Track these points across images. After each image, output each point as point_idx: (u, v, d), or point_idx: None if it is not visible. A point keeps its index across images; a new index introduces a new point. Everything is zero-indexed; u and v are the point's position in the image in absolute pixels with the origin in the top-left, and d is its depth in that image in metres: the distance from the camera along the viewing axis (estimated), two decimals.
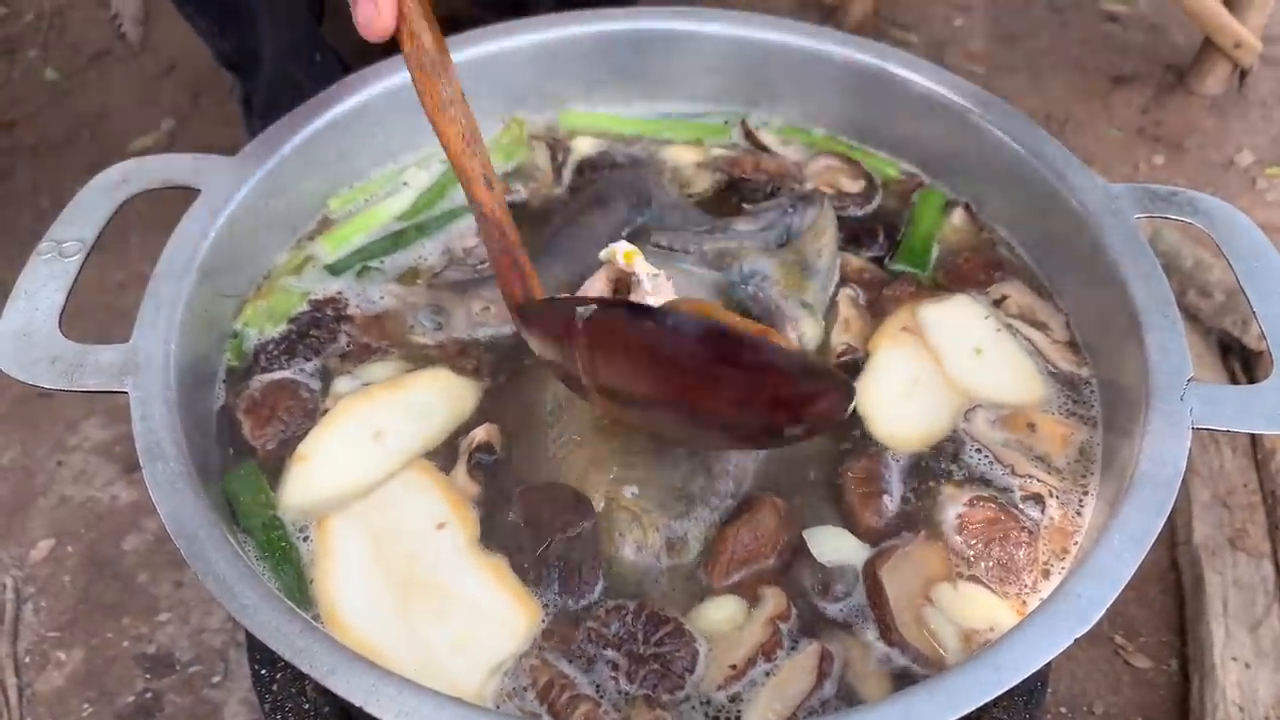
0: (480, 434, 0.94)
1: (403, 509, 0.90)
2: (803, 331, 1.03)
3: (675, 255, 1.09)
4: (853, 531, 0.91)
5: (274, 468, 0.94)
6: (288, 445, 0.95)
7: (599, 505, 0.89)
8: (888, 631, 0.84)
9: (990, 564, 0.88)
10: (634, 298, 1.00)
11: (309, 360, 1.02)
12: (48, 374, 0.88)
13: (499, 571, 0.86)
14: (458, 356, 1.03)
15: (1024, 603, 0.87)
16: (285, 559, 0.88)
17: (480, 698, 0.80)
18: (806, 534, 0.89)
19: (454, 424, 0.97)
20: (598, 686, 0.81)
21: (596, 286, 1.01)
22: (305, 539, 0.90)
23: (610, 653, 0.82)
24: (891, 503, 0.92)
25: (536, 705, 0.79)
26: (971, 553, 0.89)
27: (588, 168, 1.23)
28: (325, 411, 0.98)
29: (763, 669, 0.82)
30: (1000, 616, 0.85)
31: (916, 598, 0.86)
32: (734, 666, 0.81)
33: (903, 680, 0.82)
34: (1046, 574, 0.88)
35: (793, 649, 0.83)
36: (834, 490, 0.93)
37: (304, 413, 0.97)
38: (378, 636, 0.82)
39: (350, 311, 1.07)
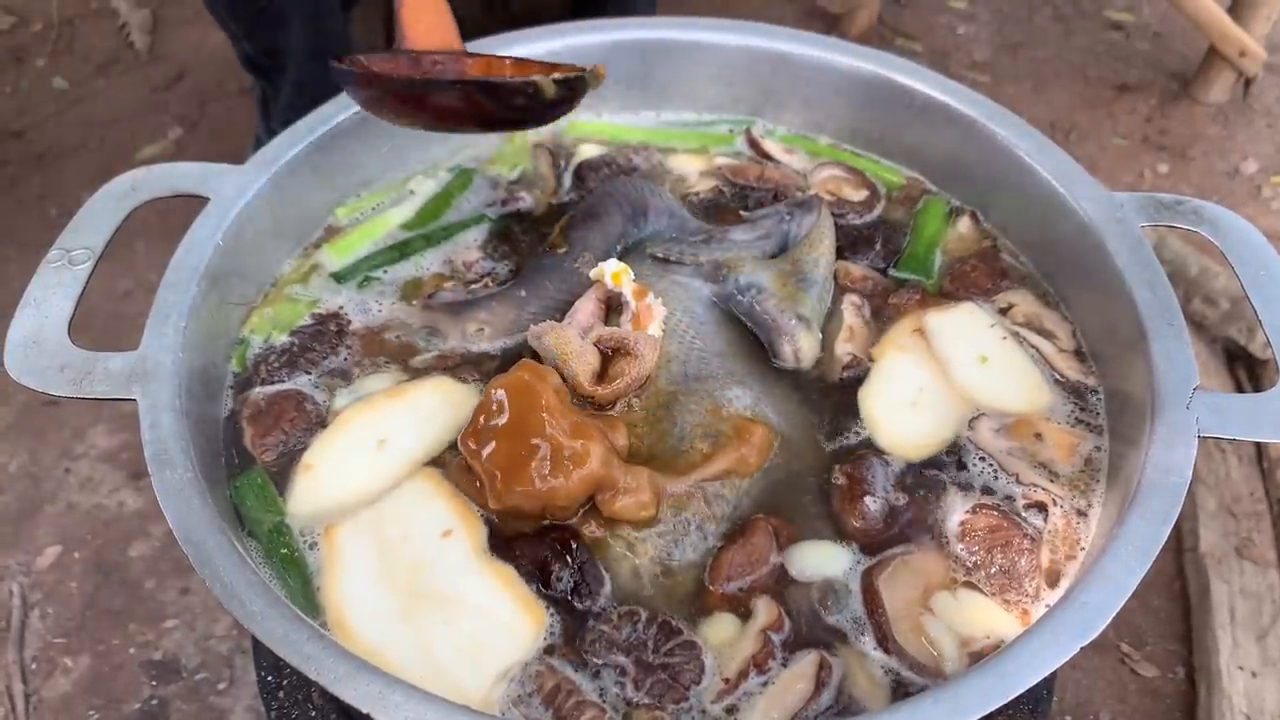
0: None
1: (409, 516, 0.90)
2: (799, 346, 1.02)
3: (671, 267, 1.09)
4: (840, 536, 0.91)
5: (278, 476, 0.94)
6: (287, 456, 0.95)
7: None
8: (885, 640, 0.84)
9: (992, 571, 0.88)
10: (623, 319, 1.00)
11: (308, 374, 1.02)
12: (57, 381, 0.89)
13: (505, 578, 0.86)
14: (457, 369, 1.03)
15: (1025, 611, 0.87)
16: (292, 566, 0.88)
17: (487, 704, 0.80)
18: (785, 554, 0.89)
19: (458, 430, 0.97)
20: (601, 692, 0.81)
21: (587, 306, 1.01)
22: (312, 546, 0.90)
23: (620, 658, 0.82)
24: (875, 504, 0.91)
25: (542, 711, 0.80)
26: (973, 560, 0.89)
27: (587, 170, 1.23)
28: (326, 424, 0.98)
29: (757, 681, 0.82)
30: (1000, 624, 0.85)
31: (915, 606, 0.86)
32: (727, 680, 0.81)
33: (902, 689, 0.82)
34: (1051, 582, 0.88)
35: (786, 660, 0.83)
36: (828, 502, 0.93)
37: (306, 424, 0.97)
38: (385, 643, 0.82)
39: (352, 327, 1.07)
